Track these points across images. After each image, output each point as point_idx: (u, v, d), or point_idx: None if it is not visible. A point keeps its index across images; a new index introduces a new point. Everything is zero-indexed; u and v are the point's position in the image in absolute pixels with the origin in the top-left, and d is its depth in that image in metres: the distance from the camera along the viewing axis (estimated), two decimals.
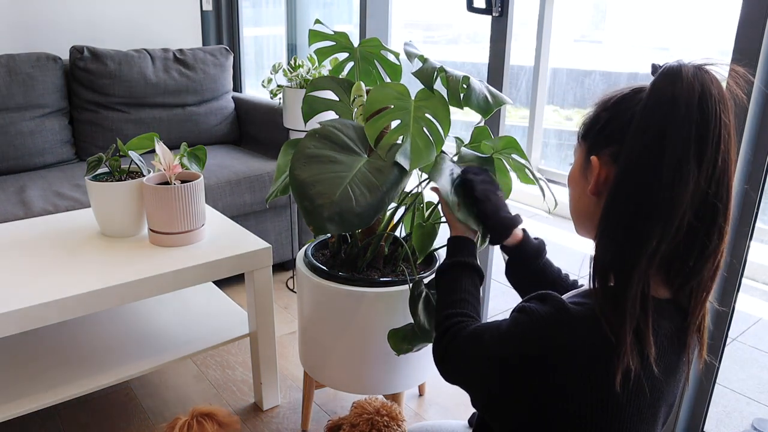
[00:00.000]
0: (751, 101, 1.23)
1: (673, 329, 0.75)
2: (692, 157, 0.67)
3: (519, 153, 1.31)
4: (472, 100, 1.23)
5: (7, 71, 2.25)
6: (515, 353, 0.75)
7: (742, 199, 1.32)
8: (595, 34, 3.39)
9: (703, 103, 0.67)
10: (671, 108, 0.67)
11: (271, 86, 2.34)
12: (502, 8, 1.74)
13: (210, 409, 1.23)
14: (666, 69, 0.69)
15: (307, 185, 1.09)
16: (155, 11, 2.86)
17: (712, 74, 0.68)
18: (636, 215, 0.69)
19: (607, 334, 0.69)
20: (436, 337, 0.93)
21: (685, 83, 0.67)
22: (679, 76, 0.68)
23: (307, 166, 1.11)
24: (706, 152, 0.67)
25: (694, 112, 0.66)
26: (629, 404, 0.71)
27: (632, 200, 0.70)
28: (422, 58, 1.24)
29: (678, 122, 0.67)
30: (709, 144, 0.67)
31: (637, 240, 0.69)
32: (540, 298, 0.76)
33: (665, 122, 0.67)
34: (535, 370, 0.73)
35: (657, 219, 0.68)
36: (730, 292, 1.38)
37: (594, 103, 0.80)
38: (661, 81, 0.69)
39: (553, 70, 3.68)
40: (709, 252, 0.71)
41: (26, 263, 1.39)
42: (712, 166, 0.68)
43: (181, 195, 1.42)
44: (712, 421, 1.76)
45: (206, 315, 1.68)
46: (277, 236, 2.49)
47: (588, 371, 0.70)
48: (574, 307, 0.73)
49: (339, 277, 1.37)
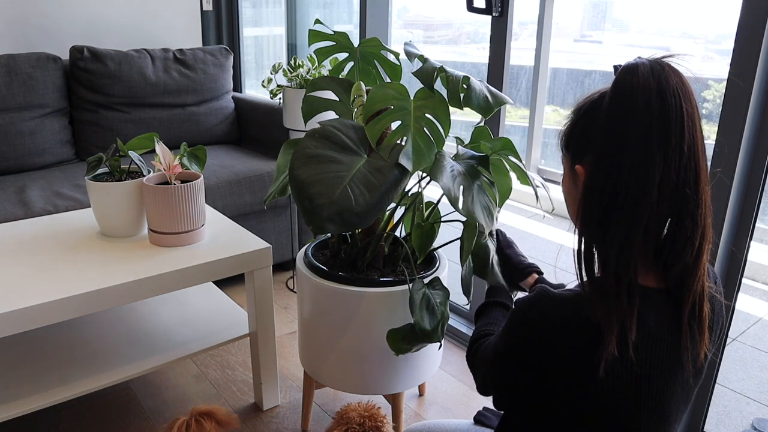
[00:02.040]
0: (751, 101, 1.23)
1: (668, 318, 0.76)
2: (656, 148, 0.69)
3: (514, 155, 1.31)
4: (473, 100, 1.23)
5: (7, 71, 2.25)
6: (508, 344, 0.81)
7: (742, 199, 1.32)
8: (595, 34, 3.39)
9: (662, 95, 0.69)
10: (630, 102, 0.69)
11: (271, 86, 2.34)
12: (502, 8, 1.74)
13: (209, 408, 1.23)
14: (624, 67, 0.72)
15: (307, 185, 1.09)
16: (155, 11, 2.86)
17: (671, 66, 0.71)
18: (607, 207, 0.72)
19: (592, 317, 0.72)
20: (468, 350, 1.04)
21: (642, 77, 0.69)
22: (636, 71, 0.70)
23: (306, 165, 1.11)
24: (670, 142, 0.69)
25: (653, 104, 0.69)
26: (617, 390, 0.73)
27: (603, 193, 0.72)
28: (422, 58, 1.24)
29: (638, 115, 0.69)
30: (671, 134, 0.69)
31: (611, 231, 0.72)
32: (531, 290, 0.82)
33: (626, 116, 0.70)
34: (524, 355, 0.78)
35: (628, 210, 0.70)
36: (730, 292, 1.38)
37: (570, 111, 0.82)
38: (621, 78, 0.71)
39: (553, 70, 3.68)
40: (685, 238, 0.73)
41: (26, 263, 1.39)
42: (678, 155, 0.70)
43: (181, 195, 1.42)
44: (712, 421, 1.76)
45: (206, 315, 1.68)
46: (277, 236, 2.49)
47: (572, 354, 0.73)
48: (558, 292, 0.76)
49: (339, 277, 1.37)
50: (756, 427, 1.75)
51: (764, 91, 1.25)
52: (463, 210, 1.10)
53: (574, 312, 0.74)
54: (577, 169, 0.77)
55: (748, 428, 1.76)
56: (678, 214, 0.72)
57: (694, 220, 0.72)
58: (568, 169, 0.81)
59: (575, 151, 0.78)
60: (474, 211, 1.12)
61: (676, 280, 0.75)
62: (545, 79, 3.67)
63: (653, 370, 0.75)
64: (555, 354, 0.74)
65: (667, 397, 0.76)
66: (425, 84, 1.22)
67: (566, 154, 0.81)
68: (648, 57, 0.73)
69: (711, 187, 0.76)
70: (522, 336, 0.78)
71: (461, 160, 1.24)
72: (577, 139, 0.78)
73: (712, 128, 1.28)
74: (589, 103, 0.77)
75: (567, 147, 0.81)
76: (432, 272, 1.42)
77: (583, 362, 0.73)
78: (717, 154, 1.28)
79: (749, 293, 2.63)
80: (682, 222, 0.72)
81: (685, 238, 0.73)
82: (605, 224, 0.72)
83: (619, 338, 0.71)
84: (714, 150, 1.28)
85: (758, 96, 1.24)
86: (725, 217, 1.30)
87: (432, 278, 1.34)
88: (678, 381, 0.77)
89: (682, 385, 0.78)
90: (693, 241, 0.73)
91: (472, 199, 1.15)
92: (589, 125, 0.76)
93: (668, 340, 0.75)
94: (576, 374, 0.74)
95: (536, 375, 0.77)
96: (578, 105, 0.79)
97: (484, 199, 1.20)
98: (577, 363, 0.73)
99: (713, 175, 1.27)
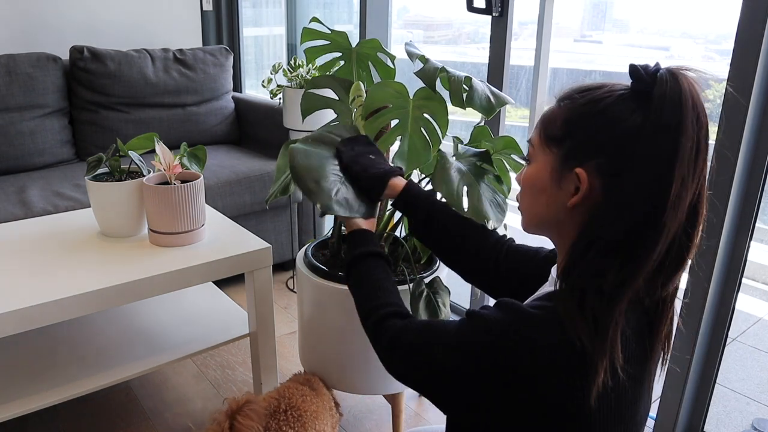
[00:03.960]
0: (751, 101, 1.23)
1: (639, 332, 0.72)
2: (692, 170, 0.65)
3: (518, 153, 1.31)
4: (475, 100, 1.23)
5: (7, 71, 2.25)
6: (468, 364, 0.70)
7: (742, 199, 1.32)
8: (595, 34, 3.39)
9: (699, 113, 0.65)
10: (681, 122, 0.64)
11: (271, 86, 2.34)
12: (502, 8, 1.74)
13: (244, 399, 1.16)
14: (667, 79, 0.65)
15: (309, 169, 1.04)
16: (155, 11, 2.86)
17: (694, 79, 0.66)
18: (633, 234, 0.66)
19: (576, 343, 0.65)
20: (372, 340, 0.87)
21: (688, 95, 0.64)
22: (679, 82, 0.65)
23: (306, 157, 1.09)
24: (699, 163, 0.66)
25: (695, 124, 0.64)
26: (600, 414, 0.67)
27: (629, 218, 0.66)
28: (423, 59, 1.24)
29: (686, 137, 0.64)
30: (701, 153, 0.66)
31: (633, 261, 0.66)
32: (496, 305, 0.72)
33: (677, 138, 0.64)
34: (491, 381, 0.68)
35: (653, 239, 0.65)
36: (730, 292, 1.38)
37: (561, 100, 0.74)
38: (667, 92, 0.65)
39: (553, 70, 3.67)
40: (683, 256, 0.69)
41: (26, 263, 1.39)
42: (700, 175, 0.66)
43: (181, 195, 1.42)
44: (712, 421, 1.76)
45: (206, 315, 1.68)
46: (277, 236, 2.49)
47: (555, 381, 0.66)
48: (536, 312, 0.69)
49: (339, 277, 1.37)
50: (756, 427, 1.75)
51: (764, 91, 1.25)
52: (470, 210, 1.09)
53: (559, 337, 0.66)
54: (579, 172, 0.69)
55: (748, 428, 1.76)
56: (688, 235, 0.68)
57: (692, 241, 0.69)
58: (552, 164, 0.73)
59: (574, 152, 0.71)
60: (482, 209, 1.11)
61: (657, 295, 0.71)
62: (545, 79, 3.67)
63: (636, 385, 0.72)
64: (536, 384, 0.66)
65: (639, 407, 0.74)
66: (428, 84, 1.21)
67: (553, 146, 0.73)
68: (671, 66, 0.67)
69: (711, 187, 0.74)
70: (493, 360, 0.68)
71: (463, 158, 1.24)
72: (583, 140, 0.70)
73: (712, 128, 1.28)
74: (604, 103, 0.69)
75: (559, 141, 0.72)
76: (432, 272, 1.42)
77: (569, 392, 0.66)
78: (717, 154, 1.28)
79: (749, 293, 2.63)
80: (690, 241, 0.68)
81: (683, 255, 0.69)
82: (625, 253, 0.66)
83: (610, 362, 0.66)
84: (714, 150, 1.28)
85: (758, 96, 1.24)
86: (725, 217, 1.30)
87: (432, 278, 1.34)
88: (645, 399, 0.76)
89: (646, 403, 0.76)
90: (687, 258, 0.69)
91: (479, 197, 1.13)
92: (603, 129, 0.68)
93: (642, 355, 0.72)
94: (560, 404, 0.67)
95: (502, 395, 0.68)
96: (586, 98, 0.71)
97: (492, 194, 1.18)
98: (562, 393, 0.66)
99: (710, 180, 1.27)
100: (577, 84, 0.74)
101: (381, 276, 0.93)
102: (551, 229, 0.78)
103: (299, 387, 1.30)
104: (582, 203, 0.71)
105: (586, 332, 0.65)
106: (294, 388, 1.29)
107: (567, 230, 0.74)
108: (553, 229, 0.77)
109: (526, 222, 0.81)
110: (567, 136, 0.72)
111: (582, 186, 0.70)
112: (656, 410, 1.54)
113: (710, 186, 0.71)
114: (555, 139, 0.73)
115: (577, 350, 0.65)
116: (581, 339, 0.65)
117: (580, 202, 0.71)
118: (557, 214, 0.74)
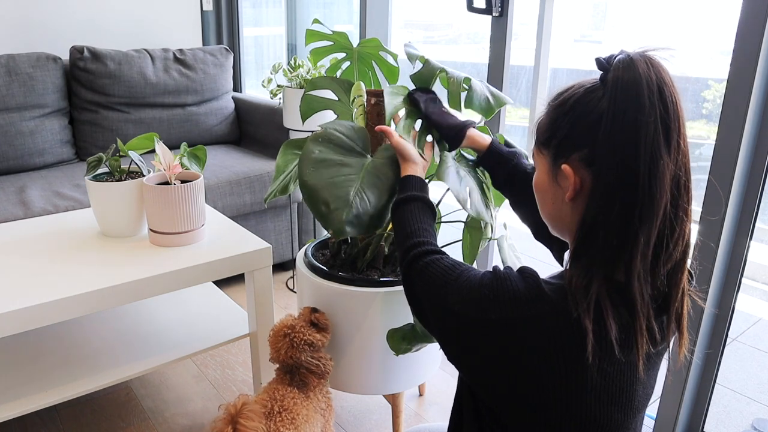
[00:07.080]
0: (751, 101, 1.23)
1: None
2: (662, 147, 0.68)
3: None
4: (474, 101, 1.23)
5: (7, 71, 2.25)
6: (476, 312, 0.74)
7: (743, 199, 1.32)
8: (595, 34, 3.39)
9: (662, 92, 0.68)
10: (636, 98, 0.68)
11: (271, 86, 2.34)
12: (502, 8, 1.74)
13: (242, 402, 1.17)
14: (619, 61, 0.70)
15: (319, 190, 1.09)
16: (155, 11, 2.86)
17: (658, 60, 0.70)
18: (621, 216, 0.70)
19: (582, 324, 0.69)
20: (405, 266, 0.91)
21: (643, 72, 0.68)
22: (635, 66, 0.69)
23: (315, 171, 1.11)
24: (671, 139, 0.69)
25: (656, 103, 0.68)
26: (597, 388, 0.71)
27: (614, 201, 0.70)
28: (423, 60, 1.24)
29: (645, 112, 0.68)
30: (672, 131, 0.68)
31: (628, 240, 0.70)
32: (519, 271, 0.76)
33: (634, 113, 0.68)
34: (494, 336, 0.72)
35: (644, 216, 0.69)
36: (730, 292, 1.38)
37: (547, 105, 0.80)
38: (621, 75, 0.69)
39: (553, 70, 3.68)
40: (679, 233, 0.72)
41: (26, 263, 1.39)
42: (677, 150, 0.69)
43: (181, 195, 1.42)
44: (712, 421, 1.76)
45: (206, 315, 1.68)
46: (277, 236, 2.49)
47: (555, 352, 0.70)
48: (549, 291, 0.72)
49: (339, 277, 1.37)
50: (756, 427, 1.75)
51: (764, 91, 1.25)
52: (472, 210, 1.10)
53: (566, 317, 0.70)
54: (564, 168, 0.74)
55: (748, 428, 1.76)
56: (676, 211, 0.71)
57: (687, 214, 0.72)
58: (547, 166, 0.79)
59: (559, 149, 0.76)
60: (481, 211, 1.13)
61: (664, 276, 0.73)
62: (545, 79, 3.67)
63: (625, 367, 0.74)
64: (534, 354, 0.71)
65: (635, 395, 0.76)
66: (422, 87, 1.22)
67: (544, 150, 0.79)
68: (633, 51, 0.71)
69: (710, 187, 0.75)
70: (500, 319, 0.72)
71: (462, 161, 1.24)
72: (562, 137, 0.75)
73: (712, 128, 1.28)
74: (574, 99, 0.74)
75: (548, 143, 0.78)
76: None
77: (573, 367, 0.70)
78: (717, 154, 1.28)
79: (749, 293, 2.63)
80: (679, 218, 0.71)
81: (680, 233, 0.72)
82: (620, 234, 0.70)
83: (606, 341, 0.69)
84: (714, 150, 1.28)
85: (758, 96, 1.24)
86: (725, 217, 1.30)
87: None
88: (649, 380, 0.78)
89: (649, 385, 0.79)
90: (684, 235, 0.72)
91: (479, 200, 1.15)
92: (576, 123, 0.73)
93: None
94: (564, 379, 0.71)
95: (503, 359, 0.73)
96: (559, 100, 0.77)
97: (486, 199, 1.20)
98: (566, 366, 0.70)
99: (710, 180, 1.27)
100: (555, 89, 0.80)
101: (427, 220, 1.00)
102: (564, 227, 0.81)
103: (289, 389, 1.30)
104: (577, 195, 0.75)
105: (587, 311, 0.69)
106: (283, 390, 1.30)
107: (574, 224, 0.78)
108: (564, 227, 0.81)
109: (549, 226, 0.85)
110: (551, 138, 0.77)
111: (570, 180, 0.74)
112: (656, 410, 1.54)
113: (710, 186, 0.72)
114: (544, 143, 0.79)
115: (581, 330, 0.69)
116: (582, 317, 0.69)
117: (575, 195, 0.75)
118: (562, 210, 0.79)
